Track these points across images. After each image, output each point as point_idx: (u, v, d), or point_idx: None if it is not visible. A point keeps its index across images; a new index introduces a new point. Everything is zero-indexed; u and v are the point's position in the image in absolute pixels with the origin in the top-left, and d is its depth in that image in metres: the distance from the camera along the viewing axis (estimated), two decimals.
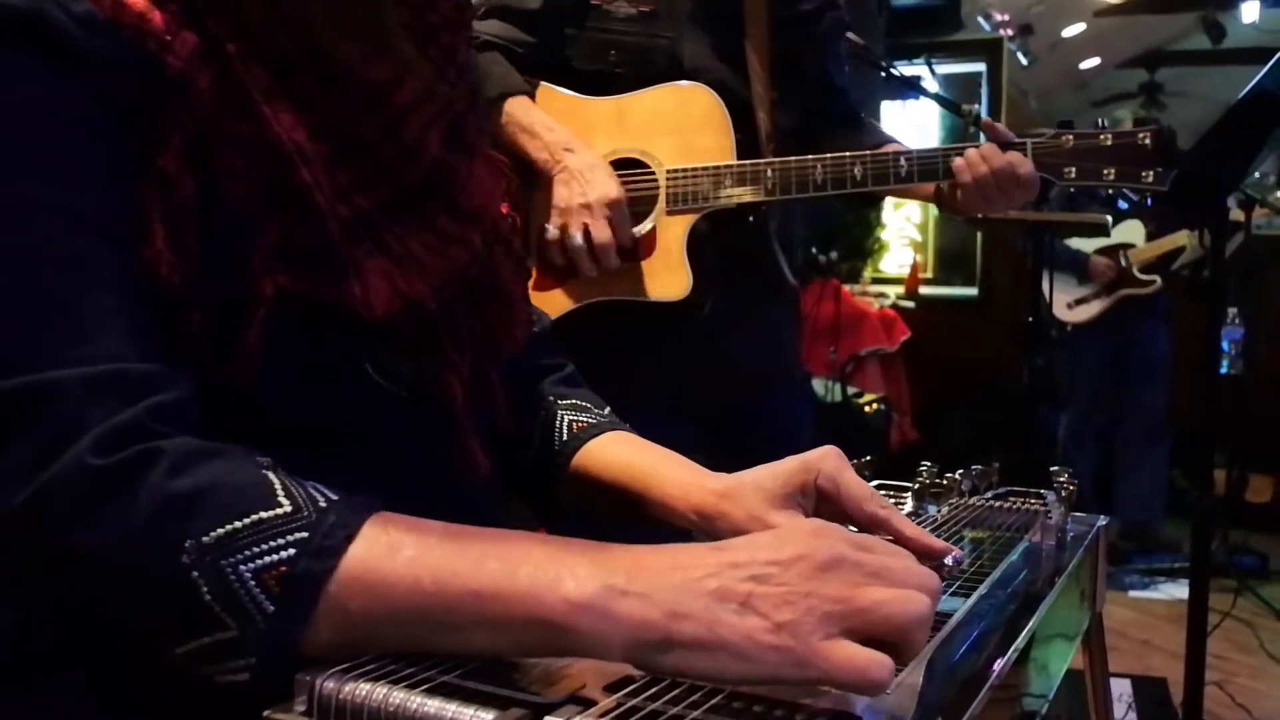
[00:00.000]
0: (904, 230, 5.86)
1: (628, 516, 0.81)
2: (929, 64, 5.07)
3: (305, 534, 0.51)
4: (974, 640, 0.63)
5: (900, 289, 5.58)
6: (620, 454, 0.84)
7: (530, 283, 1.46)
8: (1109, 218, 2.64)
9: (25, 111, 0.57)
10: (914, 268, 5.68)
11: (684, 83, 1.51)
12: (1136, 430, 4.15)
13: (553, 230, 1.45)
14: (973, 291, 5.68)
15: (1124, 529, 4.17)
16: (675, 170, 1.50)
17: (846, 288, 5.16)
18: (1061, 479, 1.03)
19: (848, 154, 1.51)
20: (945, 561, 0.70)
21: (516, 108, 1.48)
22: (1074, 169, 1.50)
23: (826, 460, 0.75)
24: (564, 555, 0.51)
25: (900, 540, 0.70)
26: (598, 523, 0.81)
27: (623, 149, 1.52)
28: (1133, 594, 3.61)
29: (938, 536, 0.86)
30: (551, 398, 0.89)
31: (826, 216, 4.52)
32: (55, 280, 0.56)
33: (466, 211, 0.71)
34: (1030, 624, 0.71)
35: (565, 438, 0.86)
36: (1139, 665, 2.82)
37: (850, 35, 1.90)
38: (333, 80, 0.64)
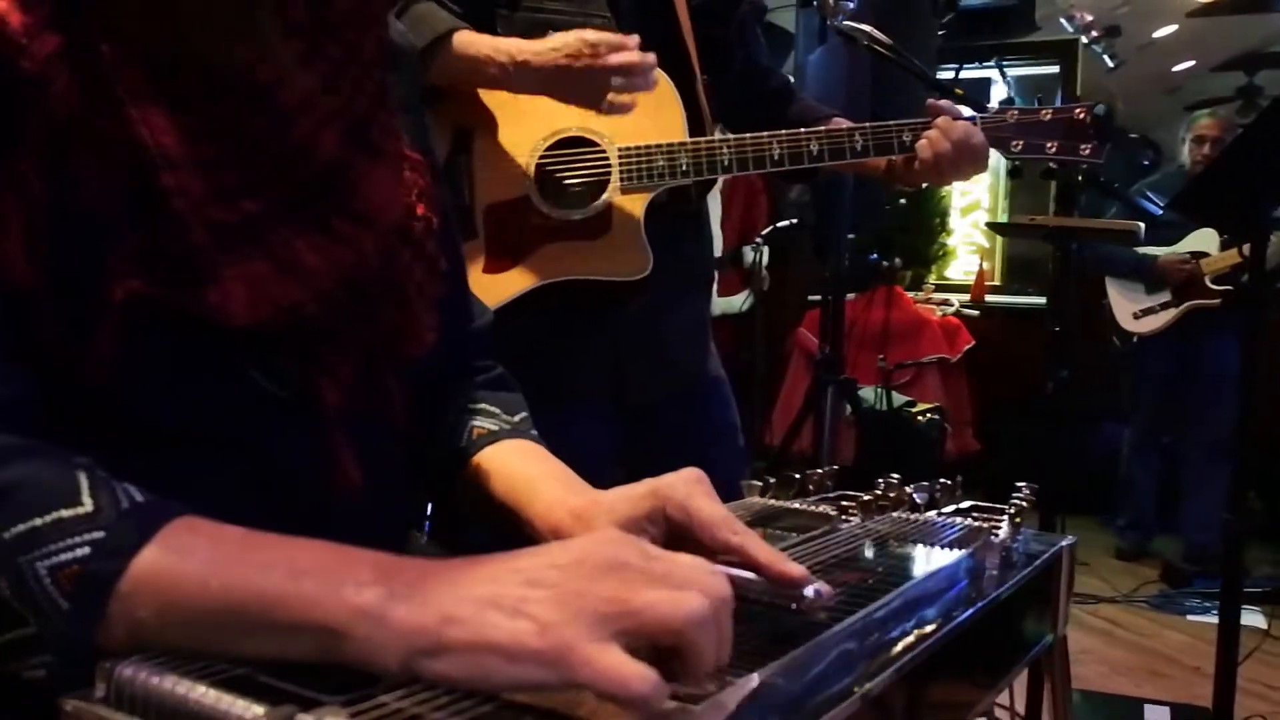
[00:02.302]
0: (971, 237, 5.73)
1: (509, 529, 0.80)
2: (1000, 66, 4.93)
3: (101, 534, 0.51)
4: (857, 652, 0.60)
5: (966, 296, 5.46)
6: (506, 465, 0.82)
7: (481, 265, 1.45)
8: (1141, 225, 2.53)
9: None
10: (980, 275, 5.55)
11: None
12: (1200, 448, 3.96)
13: (613, 97, 1.37)
14: (1042, 301, 5.52)
15: (1187, 551, 4.01)
16: (628, 148, 1.46)
17: (910, 294, 5.07)
18: (1019, 494, 0.99)
19: (803, 130, 1.50)
20: (805, 593, 0.63)
21: (463, 42, 1.38)
22: (1020, 143, 1.58)
23: (676, 488, 0.71)
24: (351, 563, 0.51)
25: (756, 567, 0.65)
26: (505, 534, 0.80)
27: (566, 128, 1.47)
28: (1191, 619, 3.47)
29: (870, 550, 0.83)
30: (464, 400, 0.88)
31: (881, 219, 4.42)
32: None
33: (361, 214, 0.69)
34: (928, 643, 0.67)
35: (464, 443, 0.84)
36: (1186, 694, 2.70)
37: (876, 34, 1.86)
38: (217, 81, 0.63)
